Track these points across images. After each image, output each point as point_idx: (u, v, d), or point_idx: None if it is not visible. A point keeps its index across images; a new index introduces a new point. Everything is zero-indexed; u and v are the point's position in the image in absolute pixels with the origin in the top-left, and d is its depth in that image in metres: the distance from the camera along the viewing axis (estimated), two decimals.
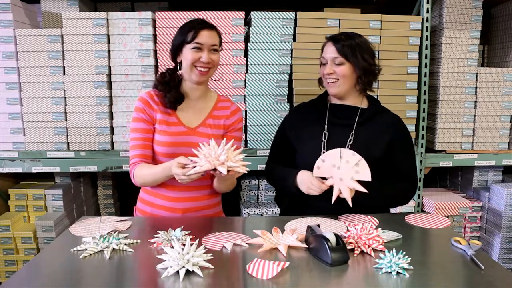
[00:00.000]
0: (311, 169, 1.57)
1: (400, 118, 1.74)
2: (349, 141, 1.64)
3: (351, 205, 1.49)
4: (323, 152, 1.62)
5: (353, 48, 1.61)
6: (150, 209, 1.67)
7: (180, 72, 1.65)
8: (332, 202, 1.50)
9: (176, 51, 1.61)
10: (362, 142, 1.64)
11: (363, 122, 1.67)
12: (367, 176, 1.47)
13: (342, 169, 1.49)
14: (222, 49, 1.70)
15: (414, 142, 2.52)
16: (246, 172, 1.40)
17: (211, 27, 1.60)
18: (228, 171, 1.36)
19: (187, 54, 1.57)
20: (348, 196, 1.48)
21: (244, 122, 2.41)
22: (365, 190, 1.48)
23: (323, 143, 1.66)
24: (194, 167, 1.37)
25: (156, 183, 1.60)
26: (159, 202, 1.65)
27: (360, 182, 1.48)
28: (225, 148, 1.38)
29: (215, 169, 1.36)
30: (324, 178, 1.54)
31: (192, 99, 1.66)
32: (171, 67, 1.68)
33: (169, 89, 1.61)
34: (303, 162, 1.68)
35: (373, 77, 1.67)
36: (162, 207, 1.65)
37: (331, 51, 1.64)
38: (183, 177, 1.40)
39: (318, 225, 1.35)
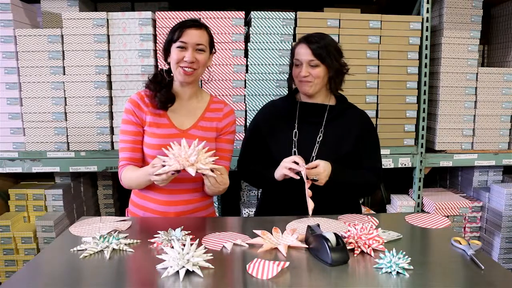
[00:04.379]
0: None
1: (366, 113, 1.79)
2: (319, 138, 1.69)
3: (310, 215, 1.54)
4: (294, 151, 1.68)
5: (327, 50, 1.63)
6: (142, 213, 1.64)
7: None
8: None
9: (166, 51, 1.59)
10: (332, 138, 1.69)
11: (332, 120, 1.71)
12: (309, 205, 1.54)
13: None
14: (215, 51, 1.65)
15: (414, 142, 2.53)
16: (215, 176, 1.40)
17: (200, 26, 1.55)
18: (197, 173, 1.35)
19: (173, 53, 1.54)
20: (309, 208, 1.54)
21: (244, 122, 2.42)
22: (310, 213, 1.54)
23: (293, 142, 1.70)
24: (164, 166, 1.35)
25: (140, 187, 1.58)
26: (151, 206, 1.62)
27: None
28: (196, 149, 1.35)
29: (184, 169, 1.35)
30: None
31: (183, 100, 1.62)
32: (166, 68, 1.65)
33: (160, 88, 1.57)
34: (277, 160, 1.67)
35: (343, 77, 1.72)
36: (154, 211, 1.61)
37: (306, 53, 1.63)
38: (155, 177, 1.38)
39: (318, 225, 1.35)
